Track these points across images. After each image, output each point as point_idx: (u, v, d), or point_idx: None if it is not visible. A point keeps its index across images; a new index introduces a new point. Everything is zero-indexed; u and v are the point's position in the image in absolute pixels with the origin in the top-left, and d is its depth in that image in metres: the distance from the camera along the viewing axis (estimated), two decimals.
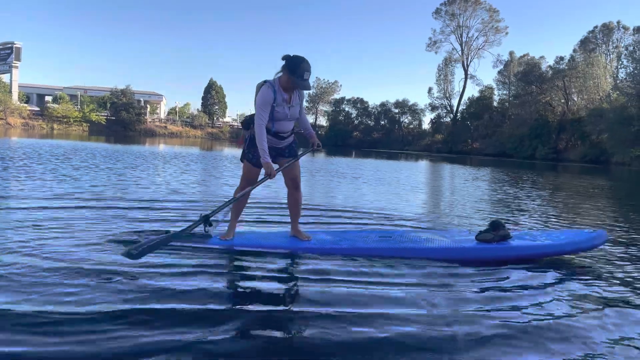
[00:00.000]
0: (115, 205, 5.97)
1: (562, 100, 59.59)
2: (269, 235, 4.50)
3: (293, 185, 4.34)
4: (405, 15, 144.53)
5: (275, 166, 4.11)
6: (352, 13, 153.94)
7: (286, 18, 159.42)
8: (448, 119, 75.27)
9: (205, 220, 3.62)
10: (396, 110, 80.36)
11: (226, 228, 4.30)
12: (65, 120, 65.96)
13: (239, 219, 4.41)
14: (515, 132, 59.83)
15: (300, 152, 4.37)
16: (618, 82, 53.89)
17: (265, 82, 4.03)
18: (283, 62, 3.95)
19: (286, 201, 4.50)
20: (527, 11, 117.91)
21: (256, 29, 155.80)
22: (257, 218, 5.59)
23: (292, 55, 3.96)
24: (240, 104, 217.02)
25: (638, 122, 39.17)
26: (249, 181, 4.21)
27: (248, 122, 4.18)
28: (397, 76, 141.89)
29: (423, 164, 29.21)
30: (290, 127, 4.19)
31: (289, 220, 4.47)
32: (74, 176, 9.03)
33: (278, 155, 4.23)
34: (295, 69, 3.89)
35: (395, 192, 10.19)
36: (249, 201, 4.64)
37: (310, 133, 4.39)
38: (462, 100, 73.72)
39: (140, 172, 10.84)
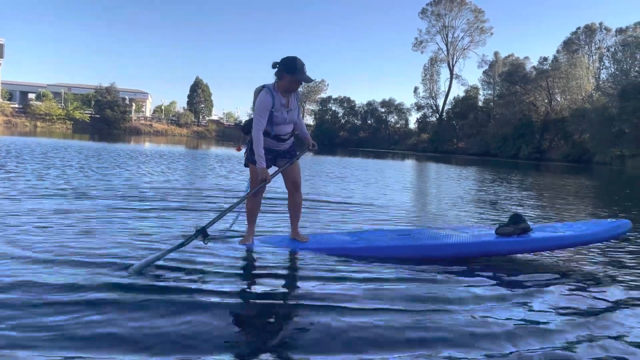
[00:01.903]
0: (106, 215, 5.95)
1: (546, 101, 60.41)
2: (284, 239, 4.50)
3: (294, 187, 4.38)
4: (392, 14, 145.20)
5: (273, 170, 4.18)
6: (339, 12, 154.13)
7: (273, 18, 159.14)
8: (434, 119, 75.88)
9: (203, 233, 3.52)
10: (383, 110, 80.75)
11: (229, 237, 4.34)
12: (48, 117, 65.05)
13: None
14: (500, 131, 60.52)
15: (296, 154, 4.38)
16: (600, 83, 54.83)
17: (263, 87, 4.08)
18: (275, 70, 4.02)
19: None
20: (512, 12, 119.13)
21: (243, 28, 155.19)
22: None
23: (280, 59, 4.03)
24: (226, 103, 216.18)
25: (618, 123, 39.86)
26: (256, 185, 4.16)
27: (248, 126, 4.21)
28: (383, 76, 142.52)
29: (410, 163, 29.43)
30: (290, 130, 4.25)
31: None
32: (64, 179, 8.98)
33: (277, 157, 4.27)
34: (293, 68, 3.97)
35: (397, 191, 10.30)
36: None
37: (305, 135, 4.47)
38: (448, 100, 74.51)
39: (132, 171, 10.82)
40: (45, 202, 5.89)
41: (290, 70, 3.97)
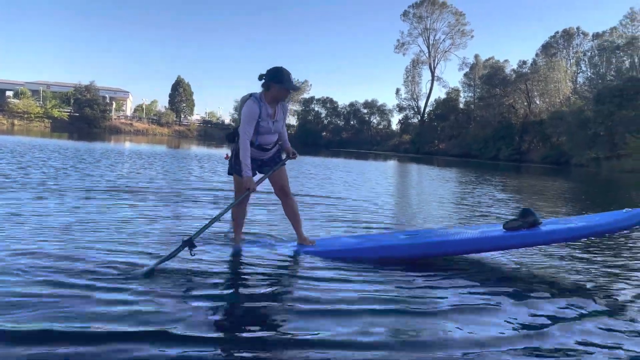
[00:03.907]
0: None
1: (525, 103, 61.44)
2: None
3: (283, 193, 4.38)
4: (375, 16, 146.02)
5: (258, 177, 4.20)
6: (322, 13, 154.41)
7: (256, 18, 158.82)
8: (415, 120, 76.55)
9: (189, 243, 3.50)
10: (365, 111, 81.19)
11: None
12: (26, 116, 63.95)
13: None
14: (480, 133, 61.37)
15: (281, 160, 4.39)
16: (577, 86, 56.01)
17: (250, 95, 4.07)
18: (262, 81, 4.05)
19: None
20: (492, 15, 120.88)
21: (225, 28, 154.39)
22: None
23: (267, 70, 4.06)
24: (208, 102, 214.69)
25: (594, 126, 40.77)
26: (242, 194, 4.15)
27: (232, 135, 4.19)
28: (366, 77, 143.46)
29: (392, 164, 29.70)
30: (274, 140, 4.25)
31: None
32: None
33: (263, 165, 4.29)
34: (281, 78, 4.00)
35: (393, 194, 10.45)
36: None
37: (285, 144, 4.44)
38: (429, 101, 75.27)
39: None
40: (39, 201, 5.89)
41: (278, 80, 4.00)
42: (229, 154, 4.37)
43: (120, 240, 4.23)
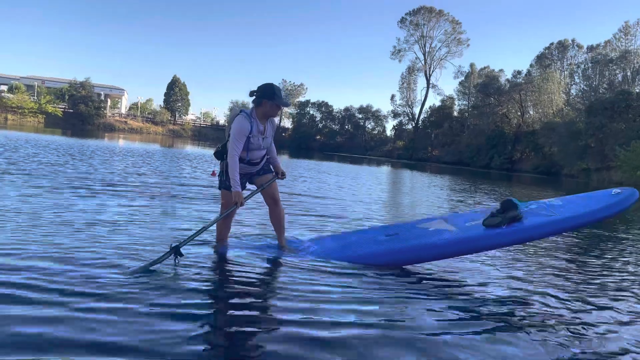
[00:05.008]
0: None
1: (518, 113, 61.90)
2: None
3: (273, 201, 4.41)
4: (372, 22, 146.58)
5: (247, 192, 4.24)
6: (320, 17, 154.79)
7: (253, 20, 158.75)
8: (410, 127, 76.88)
9: (176, 251, 3.52)
10: (360, 116, 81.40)
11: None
12: (20, 111, 63.60)
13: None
14: (473, 141, 61.75)
15: (270, 170, 4.41)
16: (570, 98, 56.57)
17: (241, 111, 4.10)
18: (253, 98, 4.09)
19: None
20: (488, 25, 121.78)
21: (222, 29, 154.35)
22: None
23: (258, 87, 4.12)
24: (203, 102, 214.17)
25: (585, 137, 41.21)
26: (229, 208, 4.14)
27: (221, 153, 4.20)
28: (361, 82, 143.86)
29: (386, 170, 29.89)
30: (263, 154, 4.30)
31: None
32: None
33: (253, 176, 4.35)
34: (272, 94, 4.04)
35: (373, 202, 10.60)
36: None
37: (275, 162, 4.43)
38: (424, 108, 75.57)
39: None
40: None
41: (269, 97, 4.04)
42: (217, 171, 4.38)
43: (105, 241, 4.15)
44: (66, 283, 3.01)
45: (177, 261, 3.53)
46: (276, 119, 4.32)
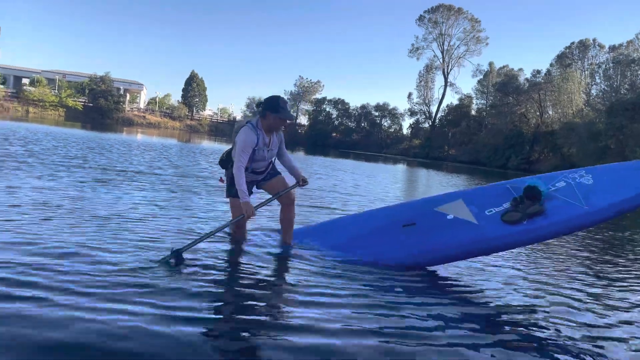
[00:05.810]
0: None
1: (537, 113, 61.07)
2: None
3: (290, 201, 4.37)
4: (390, 20, 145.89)
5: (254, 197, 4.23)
6: (338, 15, 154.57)
7: (272, 17, 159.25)
8: (427, 125, 76.37)
9: (177, 255, 3.49)
10: (376, 114, 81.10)
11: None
12: (41, 104, 64.63)
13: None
14: (491, 141, 61.08)
15: (278, 172, 4.41)
16: (590, 98, 55.63)
17: (247, 122, 4.08)
18: (259, 109, 4.08)
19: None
20: (508, 23, 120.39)
21: (241, 26, 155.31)
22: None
23: (264, 99, 4.15)
24: (221, 98, 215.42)
25: (605, 138, 40.58)
26: (237, 217, 4.11)
27: (225, 161, 4.23)
28: (378, 80, 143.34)
29: (401, 168, 29.77)
30: (267, 164, 4.27)
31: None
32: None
33: (259, 182, 4.36)
34: (276, 107, 4.02)
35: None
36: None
37: (295, 171, 4.38)
38: (441, 107, 75.00)
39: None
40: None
41: (274, 109, 4.01)
42: (223, 177, 4.36)
43: (120, 237, 4.11)
44: (67, 282, 2.95)
45: (175, 266, 3.44)
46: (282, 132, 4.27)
